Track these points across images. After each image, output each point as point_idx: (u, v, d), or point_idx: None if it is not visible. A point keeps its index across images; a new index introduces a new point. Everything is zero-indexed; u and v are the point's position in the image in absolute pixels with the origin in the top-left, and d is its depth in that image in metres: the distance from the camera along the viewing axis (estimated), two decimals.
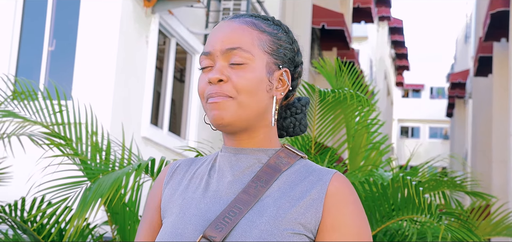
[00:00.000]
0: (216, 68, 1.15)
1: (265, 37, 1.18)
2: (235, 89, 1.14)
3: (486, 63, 14.59)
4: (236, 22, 1.19)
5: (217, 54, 1.16)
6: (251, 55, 1.15)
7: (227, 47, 1.15)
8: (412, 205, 2.74)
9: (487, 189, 12.81)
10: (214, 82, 1.14)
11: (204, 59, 1.18)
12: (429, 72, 42.89)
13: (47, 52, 6.97)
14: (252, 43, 1.16)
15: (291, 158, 1.19)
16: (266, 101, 1.17)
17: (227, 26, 1.19)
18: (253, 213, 1.11)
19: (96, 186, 2.52)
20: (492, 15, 12.12)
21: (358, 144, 3.33)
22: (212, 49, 1.17)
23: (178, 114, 8.71)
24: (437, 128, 41.24)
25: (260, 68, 1.16)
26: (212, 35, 1.20)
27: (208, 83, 1.16)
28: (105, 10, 6.74)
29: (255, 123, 1.17)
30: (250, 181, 1.15)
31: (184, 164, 1.28)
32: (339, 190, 1.14)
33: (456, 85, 24.67)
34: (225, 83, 1.14)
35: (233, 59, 1.15)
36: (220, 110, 1.14)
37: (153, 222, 1.25)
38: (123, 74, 6.79)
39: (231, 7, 8.74)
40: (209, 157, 1.27)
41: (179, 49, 8.45)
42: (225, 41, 1.16)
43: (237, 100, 1.14)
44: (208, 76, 1.15)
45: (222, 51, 1.16)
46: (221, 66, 1.15)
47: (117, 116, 6.54)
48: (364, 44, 25.71)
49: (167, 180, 1.26)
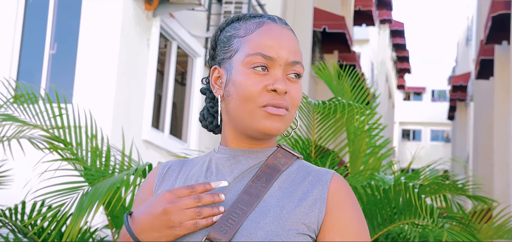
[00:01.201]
0: (281, 79, 1.14)
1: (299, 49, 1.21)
2: (292, 103, 1.15)
3: (488, 65, 14.57)
4: (289, 29, 1.20)
5: (280, 63, 1.15)
6: (303, 69, 1.18)
7: (293, 60, 1.16)
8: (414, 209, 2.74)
9: (489, 192, 12.79)
10: (282, 93, 1.13)
11: (262, 60, 1.14)
12: (430, 75, 42.86)
13: (48, 55, 6.97)
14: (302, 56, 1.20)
15: (288, 158, 1.20)
16: None
17: (287, 34, 1.18)
18: (256, 213, 1.11)
19: (92, 191, 2.51)
20: (493, 17, 12.12)
21: (358, 148, 3.32)
22: (277, 56, 1.14)
23: (179, 117, 8.70)
24: (438, 131, 41.20)
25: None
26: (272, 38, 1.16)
27: (269, 90, 1.13)
28: (106, 13, 6.75)
29: None
30: (250, 181, 1.15)
31: (175, 165, 1.26)
32: (340, 190, 1.15)
33: (458, 88, 24.66)
34: (286, 95, 1.15)
35: (296, 72, 1.16)
36: (280, 122, 1.14)
37: None
38: (124, 77, 6.80)
39: (232, 10, 8.74)
40: (201, 158, 1.25)
41: (180, 52, 8.45)
42: (291, 52, 1.16)
43: (290, 113, 1.16)
44: (275, 85, 1.13)
45: (287, 62, 1.15)
46: (283, 76, 1.15)
47: (118, 119, 6.54)
48: (365, 47, 25.70)
49: (159, 181, 1.24)
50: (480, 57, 14.54)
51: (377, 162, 3.39)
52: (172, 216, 1.07)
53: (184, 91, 8.82)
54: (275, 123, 1.13)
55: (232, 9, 8.75)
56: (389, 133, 28.38)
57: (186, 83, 8.81)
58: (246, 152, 1.18)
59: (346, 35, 14.44)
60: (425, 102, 42.22)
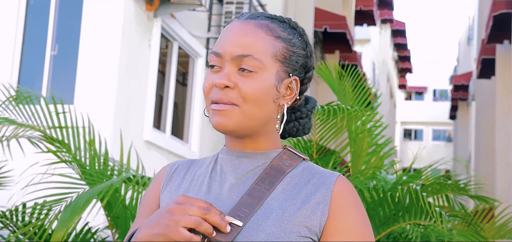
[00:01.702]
0: (224, 73, 1.12)
1: (279, 44, 1.15)
2: (242, 97, 1.12)
3: (489, 65, 14.56)
4: (251, 24, 1.15)
5: (227, 58, 1.13)
6: (261, 64, 1.12)
7: (238, 53, 1.12)
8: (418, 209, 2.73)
9: (491, 191, 12.77)
10: (220, 88, 1.12)
11: (214, 58, 1.15)
12: (432, 75, 42.84)
13: (49, 56, 6.98)
14: (264, 51, 1.13)
15: (294, 160, 1.18)
16: (271, 110, 1.15)
17: (241, 28, 1.15)
18: (258, 216, 1.10)
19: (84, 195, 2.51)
20: (494, 17, 12.11)
21: (360, 148, 3.32)
22: (223, 51, 1.14)
23: (181, 117, 8.70)
24: (440, 131, 41.18)
25: (269, 77, 1.13)
26: (224, 34, 1.16)
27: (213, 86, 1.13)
28: (107, 14, 6.75)
29: (259, 129, 1.16)
30: (253, 183, 1.14)
31: (182, 166, 1.25)
32: (344, 193, 1.13)
33: (459, 88, 24.65)
34: (231, 90, 1.12)
35: (243, 66, 1.12)
36: (224, 117, 1.12)
37: None
38: (126, 77, 6.80)
39: (233, 10, 8.73)
40: (208, 158, 1.25)
41: (182, 53, 8.45)
42: (237, 45, 1.13)
43: (242, 108, 1.12)
44: (214, 79, 1.13)
45: (232, 56, 1.13)
46: (230, 71, 1.13)
47: (119, 120, 6.54)
48: (366, 47, 25.69)
49: (166, 181, 1.24)
50: (482, 56, 14.53)
51: (379, 162, 3.39)
52: (173, 216, 1.05)
53: (185, 91, 8.82)
54: (218, 118, 1.12)
55: (233, 9, 8.75)
56: (390, 133, 28.36)
57: (187, 83, 8.81)
58: (249, 154, 1.17)
59: (347, 35, 14.43)
60: (426, 102, 42.20)
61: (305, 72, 1.20)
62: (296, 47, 1.17)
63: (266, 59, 1.13)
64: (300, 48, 1.18)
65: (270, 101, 1.14)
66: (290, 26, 1.19)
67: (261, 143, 1.18)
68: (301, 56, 1.18)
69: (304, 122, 1.25)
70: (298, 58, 1.17)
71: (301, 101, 1.24)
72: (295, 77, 1.17)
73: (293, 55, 1.17)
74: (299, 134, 1.26)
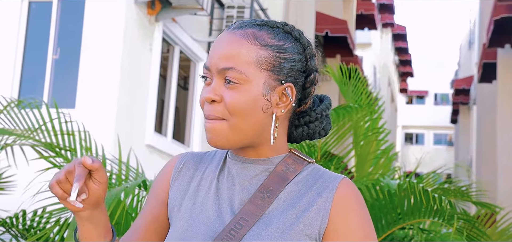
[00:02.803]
0: (211, 87, 1.13)
1: (266, 53, 1.12)
2: (228, 110, 1.11)
3: (490, 69, 14.57)
4: (237, 34, 1.13)
5: (214, 71, 1.13)
6: (244, 75, 1.11)
7: (222, 67, 1.11)
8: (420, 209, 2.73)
9: (493, 195, 12.75)
10: (208, 102, 1.12)
11: (205, 71, 1.16)
12: (433, 79, 42.85)
13: (51, 60, 6.99)
14: (247, 62, 1.11)
15: (299, 164, 1.17)
16: (262, 121, 1.13)
17: (226, 40, 1.13)
18: (259, 225, 1.10)
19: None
20: (495, 21, 12.11)
21: (366, 151, 3.32)
22: (210, 64, 1.14)
23: (182, 121, 8.71)
24: (441, 135, 41.15)
25: (255, 88, 1.11)
26: (213, 46, 1.16)
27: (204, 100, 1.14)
28: (109, 18, 6.76)
29: (255, 140, 1.14)
30: (256, 191, 1.13)
31: (192, 161, 1.25)
32: (345, 198, 1.12)
33: (460, 92, 24.65)
34: (218, 104, 1.12)
35: (228, 78, 1.11)
36: (212, 134, 1.12)
37: (158, 216, 1.22)
38: (127, 81, 6.80)
39: (234, 14, 8.74)
40: (218, 154, 1.24)
41: (183, 57, 8.46)
42: (221, 58, 1.12)
43: (230, 122, 1.11)
44: (202, 94, 1.14)
45: (217, 70, 1.12)
46: (216, 85, 1.13)
47: (121, 124, 6.54)
48: (367, 51, 25.70)
49: (175, 175, 1.24)
50: (483, 60, 14.53)
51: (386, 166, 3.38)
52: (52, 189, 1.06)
53: (186, 95, 8.83)
54: (209, 135, 1.13)
55: (234, 13, 8.76)
56: (392, 137, 28.35)
57: (189, 87, 8.82)
58: (253, 161, 1.17)
59: (348, 39, 14.44)
60: (427, 106, 42.20)
61: (305, 76, 1.17)
62: (289, 53, 1.14)
63: (250, 70, 1.11)
64: (294, 52, 1.14)
65: (259, 111, 1.12)
66: (284, 31, 1.16)
67: (262, 151, 1.16)
68: (295, 60, 1.14)
69: (314, 126, 1.21)
70: (291, 63, 1.14)
71: (308, 104, 1.20)
72: (289, 84, 1.13)
73: (284, 61, 1.13)
74: (315, 136, 1.23)
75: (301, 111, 1.20)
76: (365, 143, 3.31)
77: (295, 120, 1.21)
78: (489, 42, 13.07)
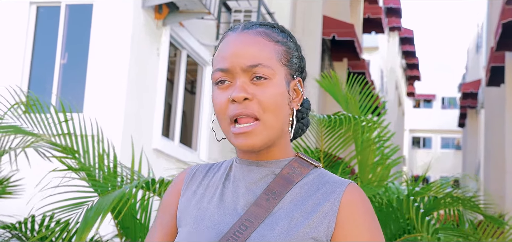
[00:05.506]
0: (239, 86, 1.11)
1: (280, 48, 1.15)
2: (261, 107, 1.10)
3: (498, 73, 14.50)
4: (250, 33, 1.15)
5: (237, 71, 1.12)
6: (272, 69, 1.12)
7: (249, 64, 1.11)
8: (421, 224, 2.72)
9: (501, 199, 12.68)
10: (240, 101, 1.10)
11: (220, 74, 1.13)
12: (440, 82, 42.70)
13: (59, 65, 7.02)
14: (270, 57, 1.13)
15: (304, 168, 1.17)
16: (287, 115, 1.15)
17: (242, 40, 1.14)
18: (264, 226, 1.10)
19: (96, 205, 2.52)
20: (503, 24, 12.06)
21: (366, 158, 3.30)
22: (230, 65, 1.12)
23: (189, 125, 8.72)
24: (449, 139, 40.99)
25: (280, 82, 1.13)
26: (226, 49, 1.14)
27: (231, 101, 1.11)
28: (116, 22, 6.78)
29: (278, 137, 1.15)
30: (262, 193, 1.14)
31: (200, 171, 1.25)
32: (353, 203, 1.12)
33: (468, 95, 24.55)
34: (250, 102, 1.11)
35: (256, 75, 1.11)
36: (251, 138, 1.11)
37: (170, 228, 1.23)
38: (135, 86, 6.82)
39: (241, 18, 8.76)
40: (224, 163, 1.25)
41: (190, 61, 8.48)
42: (244, 56, 1.12)
43: (263, 120, 1.11)
44: (232, 94, 1.10)
45: (242, 68, 1.11)
46: (244, 83, 1.11)
47: (128, 128, 6.56)
48: (374, 55, 25.65)
49: (184, 189, 1.24)
50: (491, 64, 14.47)
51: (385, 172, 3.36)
52: None
53: (193, 99, 8.84)
54: (245, 140, 1.11)
55: (241, 17, 8.78)
56: (399, 140, 28.27)
57: (196, 91, 8.83)
58: (260, 163, 1.17)
59: (355, 43, 14.41)
60: (435, 110, 42.04)
61: (301, 73, 1.21)
62: (292, 49, 1.18)
63: (274, 64, 1.13)
64: (295, 49, 1.19)
65: (285, 105, 1.14)
66: (280, 30, 1.19)
67: (274, 152, 1.17)
68: (297, 57, 1.19)
69: (306, 121, 1.25)
70: (296, 59, 1.18)
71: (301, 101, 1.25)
72: (299, 78, 1.18)
73: (292, 57, 1.17)
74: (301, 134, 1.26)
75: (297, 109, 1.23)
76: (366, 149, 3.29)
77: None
78: (497, 45, 13.01)
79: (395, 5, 27.40)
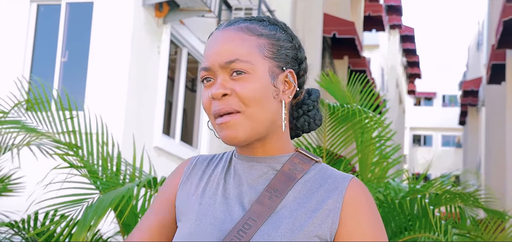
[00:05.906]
0: (218, 83, 1.12)
1: (263, 41, 1.15)
2: (242, 101, 1.11)
3: (499, 70, 14.49)
4: (231, 30, 1.15)
5: (216, 69, 1.13)
6: (250, 64, 1.12)
7: (226, 60, 1.12)
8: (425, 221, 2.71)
9: (501, 197, 12.68)
10: (218, 98, 1.12)
11: (204, 73, 1.15)
12: (441, 80, 42.69)
13: (60, 63, 7.02)
14: (249, 51, 1.13)
15: (306, 164, 1.17)
16: (275, 108, 1.14)
17: (222, 37, 1.15)
18: (268, 225, 1.09)
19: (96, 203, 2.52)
20: (504, 22, 12.05)
21: (366, 156, 3.30)
22: (210, 64, 1.14)
23: (190, 123, 8.72)
24: (449, 136, 40.99)
25: (262, 75, 1.13)
26: (208, 48, 1.16)
27: (212, 99, 1.13)
28: (117, 20, 6.78)
29: (269, 130, 1.15)
30: (264, 190, 1.13)
31: (200, 163, 1.25)
32: (356, 199, 1.12)
33: (469, 93, 24.55)
34: (230, 97, 1.12)
35: (234, 70, 1.12)
36: (231, 129, 1.11)
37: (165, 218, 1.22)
38: (135, 84, 6.82)
39: (242, 16, 8.76)
40: (225, 155, 1.24)
41: (191, 59, 8.48)
42: (222, 53, 1.13)
43: (246, 113, 1.11)
44: (211, 91, 1.12)
45: (220, 65, 1.12)
46: (223, 80, 1.12)
47: (129, 126, 6.56)
48: (375, 53, 25.65)
49: (184, 179, 1.24)
50: (492, 62, 14.46)
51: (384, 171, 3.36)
52: None
53: (194, 97, 8.84)
54: (226, 132, 1.12)
55: (242, 15, 8.77)
56: (399, 138, 28.27)
57: (197, 89, 8.84)
58: (260, 159, 1.17)
59: (355, 40, 14.41)
60: (436, 108, 42.04)
61: (298, 65, 1.19)
62: (282, 41, 1.17)
63: (254, 58, 1.13)
64: (286, 41, 1.18)
65: (270, 98, 1.13)
66: (271, 23, 1.19)
67: (270, 147, 1.17)
68: (289, 48, 1.18)
69: (313, 113, 1.23)
70: (287, 51, 1.17)
71: (303, 94, 1.23)
72: (290, 70, 1.16)
73: (280, 48, 1.16)
74: (312, 128, 1.25)
75: (298, 101, 1.23)
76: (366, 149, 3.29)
77: (294, 111, 1.23)
78: (498, 43, 13.00)
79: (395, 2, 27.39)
